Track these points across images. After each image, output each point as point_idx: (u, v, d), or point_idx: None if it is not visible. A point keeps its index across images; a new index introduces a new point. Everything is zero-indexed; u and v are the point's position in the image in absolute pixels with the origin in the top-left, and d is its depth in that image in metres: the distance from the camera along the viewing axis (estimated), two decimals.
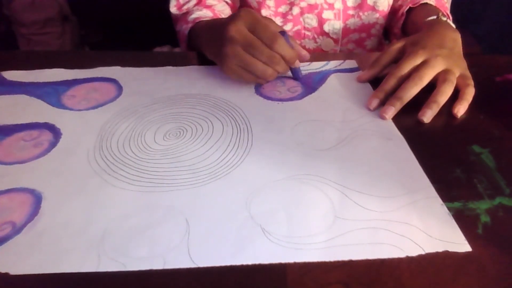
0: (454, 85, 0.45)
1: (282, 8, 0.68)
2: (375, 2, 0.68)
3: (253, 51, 0.46)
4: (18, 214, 0.33)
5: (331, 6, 0.67)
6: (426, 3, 0.65)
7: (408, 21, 0.67)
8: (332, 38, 0.70)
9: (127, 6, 1.42)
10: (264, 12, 0.68)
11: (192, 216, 0.32)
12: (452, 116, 0.45)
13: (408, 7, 0.66)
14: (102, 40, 1.58)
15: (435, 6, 0.64)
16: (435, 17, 0.56)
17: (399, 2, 0.70)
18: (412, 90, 0.45)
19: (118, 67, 0.55)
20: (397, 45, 0.52)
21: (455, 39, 0.51)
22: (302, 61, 0.52)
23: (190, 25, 0.61)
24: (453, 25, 0.55)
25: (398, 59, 0.50)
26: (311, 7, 0.67)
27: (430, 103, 0.44)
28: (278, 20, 0.68)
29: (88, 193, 0.35)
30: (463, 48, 0.51)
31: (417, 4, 0.65)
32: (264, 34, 0.46)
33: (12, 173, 0.37)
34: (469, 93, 0.46)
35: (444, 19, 0.55)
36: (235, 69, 0.48)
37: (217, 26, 0.51)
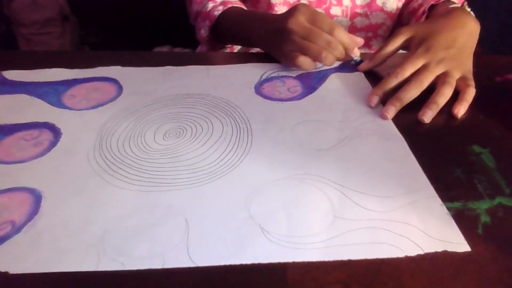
0: (453, 87, 0.46)
1: None
2: (384, 3, 0.67)
3: (312, 37, 0.49)
4: (18, 214, 0.33)
5: (339, 2, 0.67)
6: (449, 0, 0.62)
7: (429, 18, 0.64)
8: None
9: (127, 6, 1.42)
10: (274, 1, 0.67)
11: (191, 215, 0.32)
12: (452, 116, 0.45)
13: (430, 4, 0.63)
14: (102, 40, 1.58)
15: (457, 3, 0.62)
16: (459, 5, 0.54)
17: (419, 1, 0.68)
18: (412, 92, 0.45)
19: (118, 67, 0.55)
20: (404, 36, 0.51)
21: (471, 33, 0.50)
22: (357, 46, 0.53)
23: (220, 6, 0.62)
24: (473, 15, 0.53)
25: (405, 47, 0.50)
26: (320, 1, 0.67)
27: (430, 103, 0.44)
28: (284, 10, 0.67)
29: (88, 192, 0.35)
30: None
31: (440, 1, 0.62)
32: (323, 23, 0.49)
33: (12, 173, 0.37)
34: (469, 94, 0.46)
35: (468, 9, 0.54)
36: (293, 55, 0.50)
37: (271, 20, 0.53)
